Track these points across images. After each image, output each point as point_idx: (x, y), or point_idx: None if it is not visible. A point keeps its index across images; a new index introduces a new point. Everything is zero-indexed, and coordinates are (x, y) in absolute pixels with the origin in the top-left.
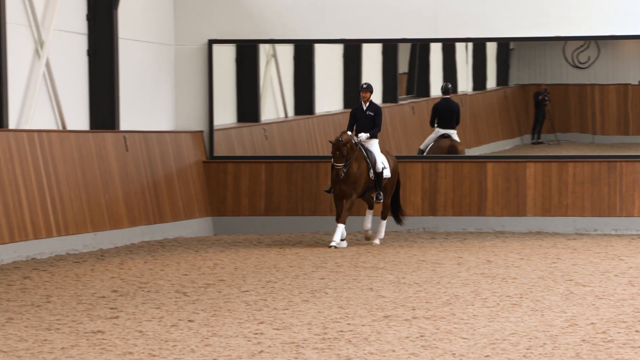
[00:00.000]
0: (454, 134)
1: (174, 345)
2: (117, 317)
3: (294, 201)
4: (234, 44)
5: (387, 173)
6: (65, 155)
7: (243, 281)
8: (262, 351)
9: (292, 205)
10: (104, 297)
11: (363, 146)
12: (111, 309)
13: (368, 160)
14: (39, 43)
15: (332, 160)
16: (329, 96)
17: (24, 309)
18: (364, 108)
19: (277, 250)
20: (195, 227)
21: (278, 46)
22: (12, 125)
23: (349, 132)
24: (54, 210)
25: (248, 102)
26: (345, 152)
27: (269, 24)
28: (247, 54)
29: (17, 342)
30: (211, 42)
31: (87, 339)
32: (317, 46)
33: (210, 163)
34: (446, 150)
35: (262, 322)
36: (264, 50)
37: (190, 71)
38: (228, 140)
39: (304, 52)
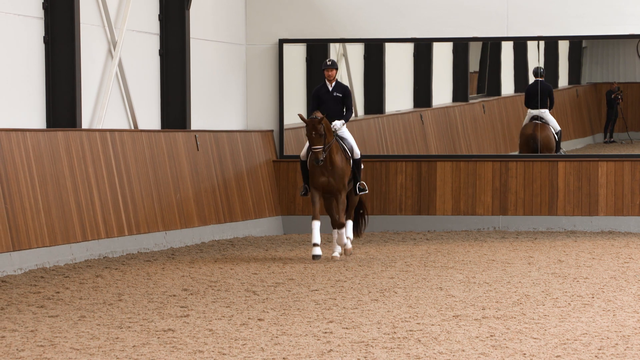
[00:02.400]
0: (544, 113)
1: (244, 344)
2: (187, 316)
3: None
4: (305, 44)
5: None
6: (137, 155)
7: (312, 280)
8: (331, 350)
9: None
10: (174, 295)
11: (336, 134)
12: (182, 307)
13: (346, 149)
14: (112, 43)
15: (308, 143)
16: (399, 95)
17: (96, 307)
18: (329, 88)
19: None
20: (265, 226)
21: (348, 45)
22: (85, 125)
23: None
24: (125, 209)
25: None
26: (322, 130)
27: (339, 23)
28: (317, 53)
29: (90, 339)
30: (282, 42)
31: (158, 337)
32: (387, 45)
33: (281, 162)
34: (528, 137)
35: (331, 321)
36: (334, 49)
37: (260, 71)
38: (298, 140)
39: (374, 51)
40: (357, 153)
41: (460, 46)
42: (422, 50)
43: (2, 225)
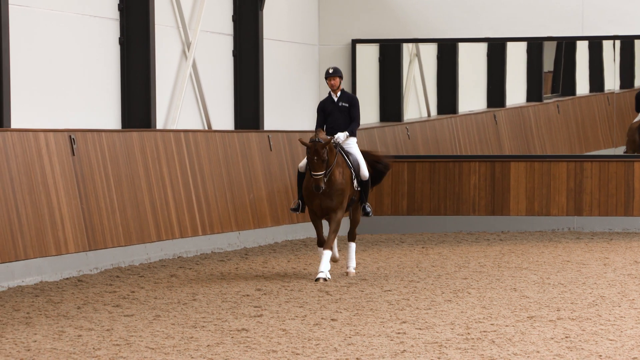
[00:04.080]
0: None
1: (317, 344)
2: (261, 316)
3: (436, 200)
4: (377, 44)
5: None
6: (210, 155)
7: (385, 280)
8: (404, 351)
9: (435, 204)
10: (248, 295)
11: (342, 149)
12: (255, 307)
13: (351, 165)
14: (186, 44)
15: (309, 168)
16: (472, 95)
17: (170, 306)
18: (335, 99)
19: (419, 250)
20: None
21: (421, 45)
22: (159, 125)
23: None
24: (199, 209)
25: (391, 102)
26: (325, 155)
27: (412, 23)
28: (390, 53)
29: (164, 339)
30: (355, 42)
31: (232, 337)
32: (460, 45)
33: None
34: (637, 126)
35: (404, 322)
36: (407, 49)
37: None
38: (371, 140)
39: (447, 50)
40: (365, 175)
41: (535, 46)
42: (496, 49)
43: (78, 225)
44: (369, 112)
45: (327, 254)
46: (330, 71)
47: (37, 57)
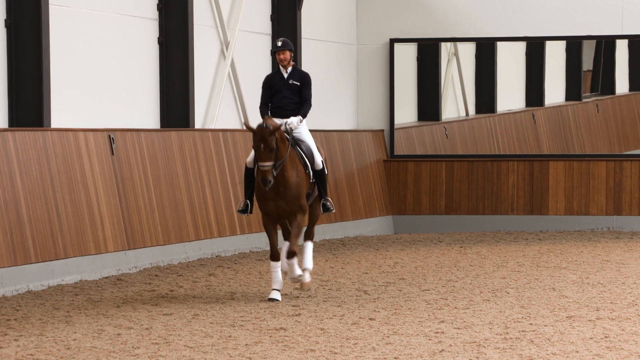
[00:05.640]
0: None
1: (355, 343)
2: (299, 315)
3: (474, 200)
4: (415, 43)
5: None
6: (248, 154)
7: (423, 280)
8: (443, 350)
9: (473, 204)
10: (285, 294)
11: (292, 137)
12: (293, 306)
13: (304, 157)
14: (224, 44)
15: (256, 158)
16: (510, 94)
17: (209, 305)
18: (285, 75)
19: (457, 250)
20: (376, 225)
21: (460, 44)
22: (197, 124)
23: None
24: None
25: (429, 101)
26: (274, 144)
27: (450, 22)
28: (428, 53)
29: (203, 338)
30: (392, 41)
31: (270, 336)
32: (499, 44)
33: (391, 162)
34: None
35: (442, 321)
36: (445, 48)
37: (371, 70)
38: (409, 139)
39: (485, 49)
40: (319, 162)
41: (574, 44)
42: (535, 48)
43: (117, 224)
44: (406, 111)
45: (291, 263)
46: (279, 43)
47: (77, 57)
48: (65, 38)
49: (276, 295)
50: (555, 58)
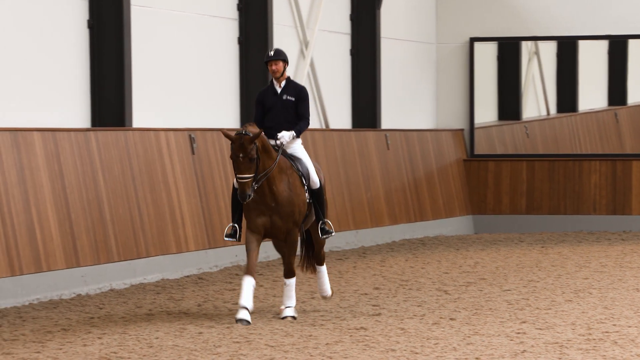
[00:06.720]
0: None
1: (436, 343)
2: (379, 314)
3: (555, 199)
4: (496, 42)
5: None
6: (328, 154)
7: (504, 280)
8: (524, 351)
9: (554, 203)
10: (366, 294)
11: (285, 152)
12: (373, 306)
13: (300, 170)
14: (304, 43)
15: (234, 169)
16: (592, 93)
17: None
18: (277, 90)
19: (539, 250)
20: (456, 225)
21: (540, 43)
22: None
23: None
24: None
25: (509, 100)
26: (254, 153)
27: (531, 21)
28: (508, 52)
29: (284, 337)
30: (472, 40)
31: (351, 335)
32: (580, 42)
33: (471, 161)
34: None
35: (524, 322)
36: (525, 47)
37: (451, 69)
38: (489, 139)
39: (566, 48)
40: (316, 181)
41: None
42: (617, 47)
43: (198, 224)
44: (487, 110)
45: (289, 284)
46: (271, 54)
47: (158, 57)
48: (146, 38)
49: (244, 314)
50: (638, 56)
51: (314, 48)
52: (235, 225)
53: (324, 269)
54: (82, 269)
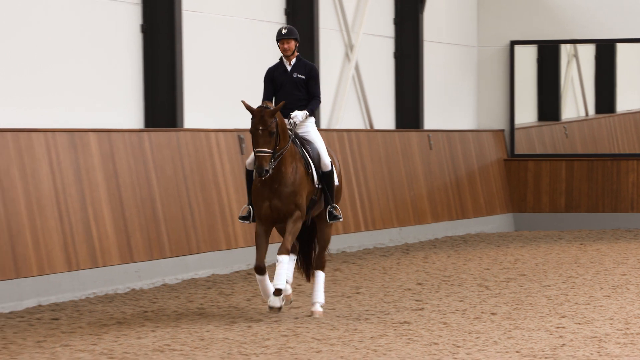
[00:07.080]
0: None
1: (477, 337)
2: (422, 309)
3: (594, 198)
4: (536, 45)
5: (335, 177)
6: (372, 154)
7: (544, 276)
8: (564, 345)
9: (593, 202)
10: (409, 289)
11: (297, 135)
12: (416, 301)
13: (307, 156)
14: (349, 47)
15: (253, 143)
16: (630, 95)
17: (335, 299)
18: (288, 68)
19: (577, 247)
20: (497, 223)
21: (579, 46)
22: (323, 125)
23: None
24: (362, 205)
25: (548, 101)
26: (274, 127)
27: (570, 24)
28: (548, 54)
29: (330, 330)
30: (513, 43)
31: (395, 329)
32: (618, 45)
33: (511, 161)
34: None
35: (563, 317)
36: (565, 50)
37: (491, 72)
38: (529, 139)
39: (605, 51)
40: (327, 164)
41: None
42: None
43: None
44: (527, 111)
45: (283, 263)
46: (284, 31)
47: (208, 60)
48: (197, 42)
49: (275, 302)
50: None
51: (358, 51)
52: (250, 207)
53: (322, 275)
54: (136, 265)
